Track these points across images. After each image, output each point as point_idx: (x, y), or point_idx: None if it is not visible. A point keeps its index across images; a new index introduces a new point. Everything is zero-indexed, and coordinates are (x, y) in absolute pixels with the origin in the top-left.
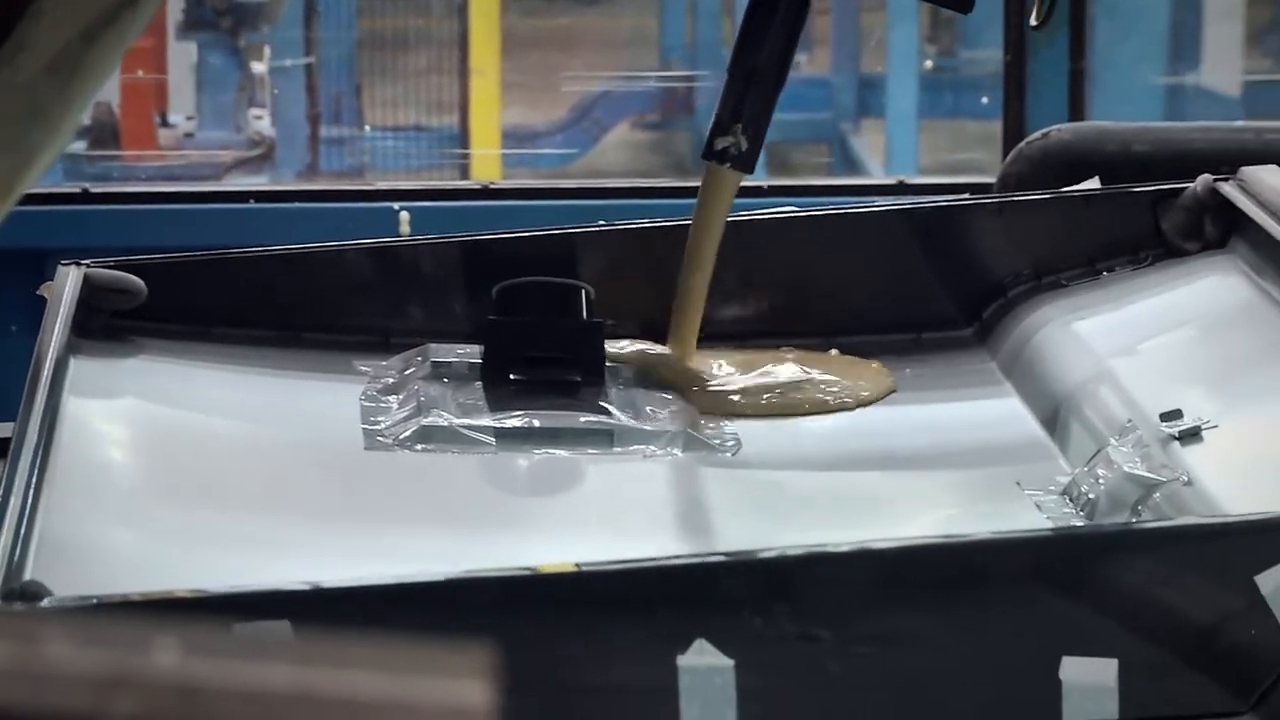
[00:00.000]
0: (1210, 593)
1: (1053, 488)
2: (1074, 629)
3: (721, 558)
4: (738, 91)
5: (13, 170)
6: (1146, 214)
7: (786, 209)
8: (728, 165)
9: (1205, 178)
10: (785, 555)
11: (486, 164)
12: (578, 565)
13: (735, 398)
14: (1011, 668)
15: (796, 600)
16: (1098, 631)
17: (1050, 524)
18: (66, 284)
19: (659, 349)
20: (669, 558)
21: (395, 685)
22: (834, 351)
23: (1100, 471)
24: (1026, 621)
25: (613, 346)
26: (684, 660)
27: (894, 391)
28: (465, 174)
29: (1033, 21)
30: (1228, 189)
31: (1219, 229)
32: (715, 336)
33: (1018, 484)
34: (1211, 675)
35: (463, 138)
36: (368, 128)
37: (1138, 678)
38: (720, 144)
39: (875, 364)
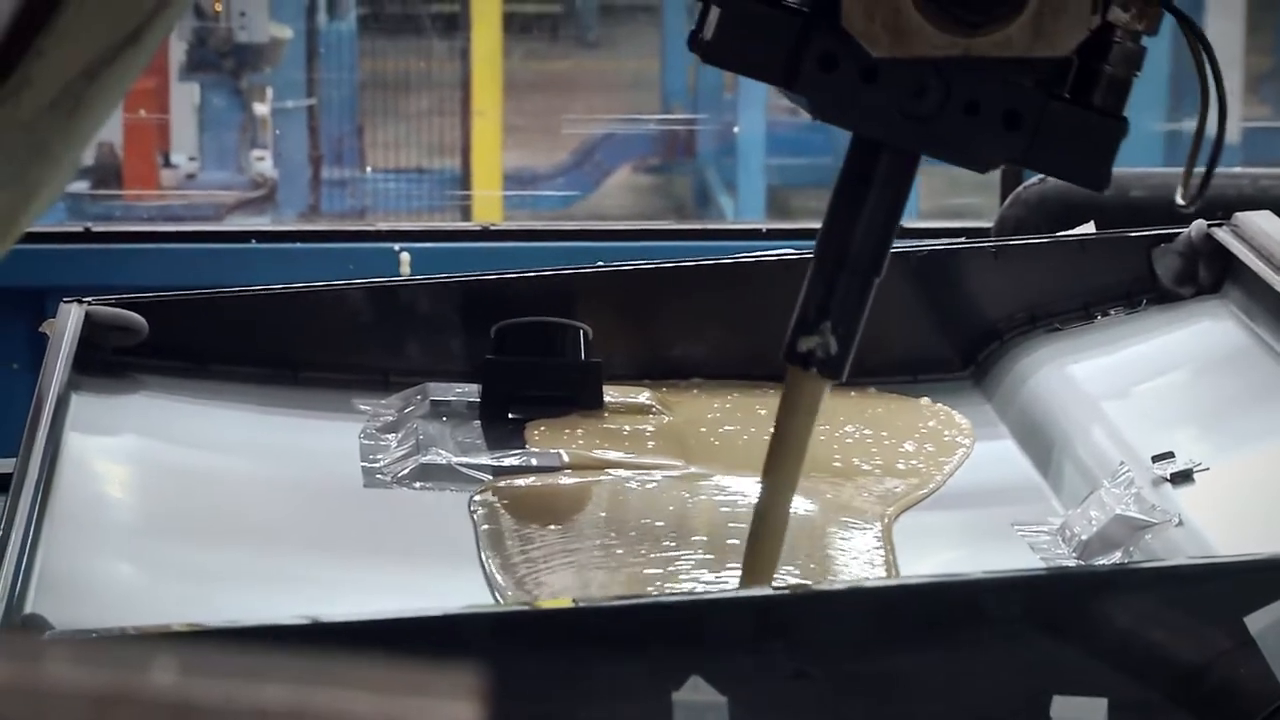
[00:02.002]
0: (1199, 633)
1: (1046, 528)
2: (1065, 668)
3: (716, 595)
4: (826, 281)
5: (14, 207)
6: (1141, 259)
7: (785, 252)
8: (813, 370)
9: (1200, 223)
10: (779, 594)
11: (488, 206)
12: (575, 601)
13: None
14: (1003, 706)
15: (790, 638)
16: (1088, 670)
17: (1043, 564)
18: (68, 321)
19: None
20: (664, 595)
21: (387, 706)
22: (871, 390)
23: (1093, 512)
24: (1018, 660)
25: (617, 394)
26: (678, 696)
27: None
28: (467, 216)
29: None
30: (1222, 234)
31: (1213, 274)
32: (712, 376)
33: (1012, 525)
34: (1200, 715)
35: (465, 180)
36: (369, 169)
37: (1127, 716)
38: (804, 345)
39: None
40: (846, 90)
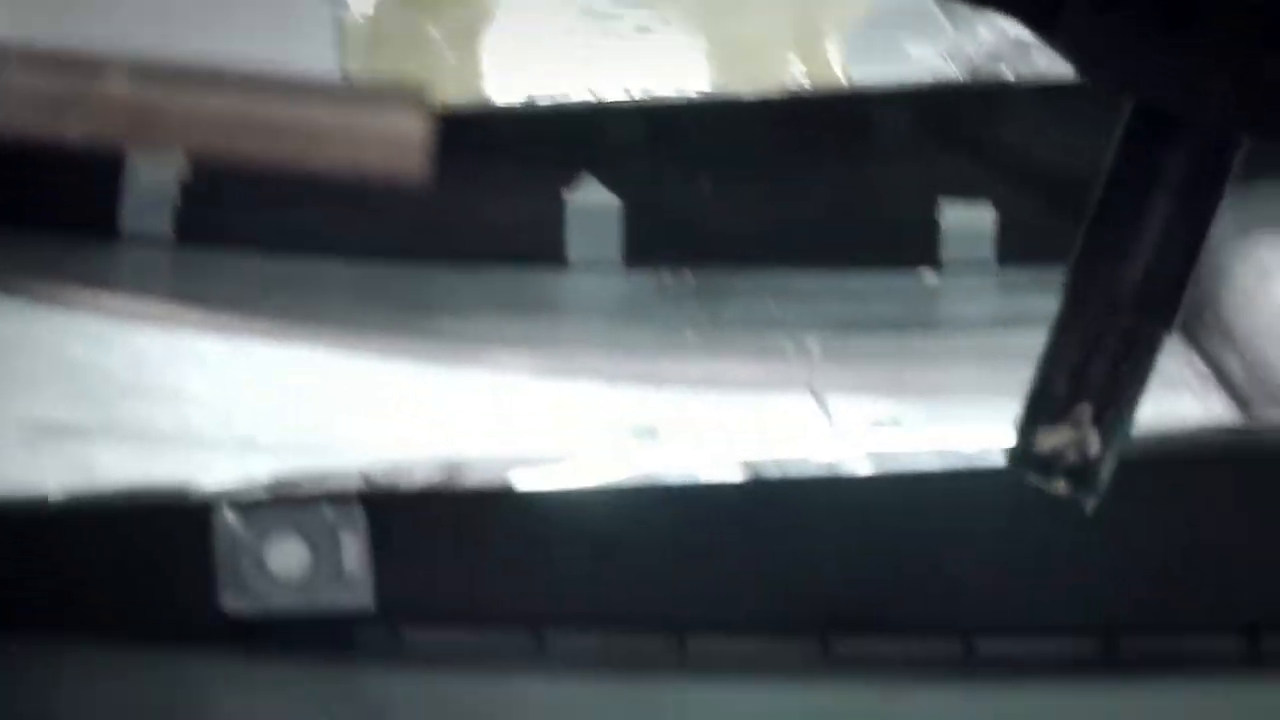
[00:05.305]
0: (1084, 148)
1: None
2: (955, 179)
3: (611, 101)
4: (1086, 336)
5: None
6: None
7: None
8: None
9: None
10: (675, 101)
11: None
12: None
13: None
14: (894, 214)
15: (686, 145)
16: (977, 180)
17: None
18: None
19: None
20: (559, 98)
21: (340, 113)
22: None
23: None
24: (909, 170)
25: None
26: (571, 197)
27: None
28: None
29: None
30: None
31: None
32: None
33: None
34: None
35: None
36: None
37: (1014, 227)
38: (1046, 442)
39: None
40: (1130, 39)
